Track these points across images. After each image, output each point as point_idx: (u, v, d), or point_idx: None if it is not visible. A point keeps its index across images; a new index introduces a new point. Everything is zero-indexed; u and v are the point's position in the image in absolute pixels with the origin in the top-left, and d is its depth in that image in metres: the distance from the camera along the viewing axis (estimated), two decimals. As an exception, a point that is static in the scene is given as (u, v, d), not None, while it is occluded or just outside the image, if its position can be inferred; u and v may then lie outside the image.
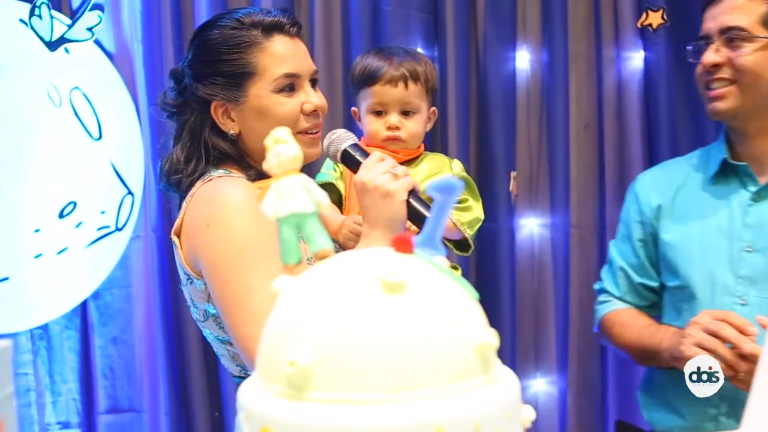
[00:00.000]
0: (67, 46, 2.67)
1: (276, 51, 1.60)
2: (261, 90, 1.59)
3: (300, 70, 1.62)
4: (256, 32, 1.60)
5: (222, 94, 1.60)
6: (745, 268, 1.84)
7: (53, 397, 2.75)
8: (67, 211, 2.67)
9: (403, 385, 0.69)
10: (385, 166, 1.55)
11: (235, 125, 1.62)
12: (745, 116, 1.85)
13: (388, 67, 1.75)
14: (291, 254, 0.78)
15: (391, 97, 1.75)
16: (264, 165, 0.80)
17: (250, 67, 1.59)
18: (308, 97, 1.62)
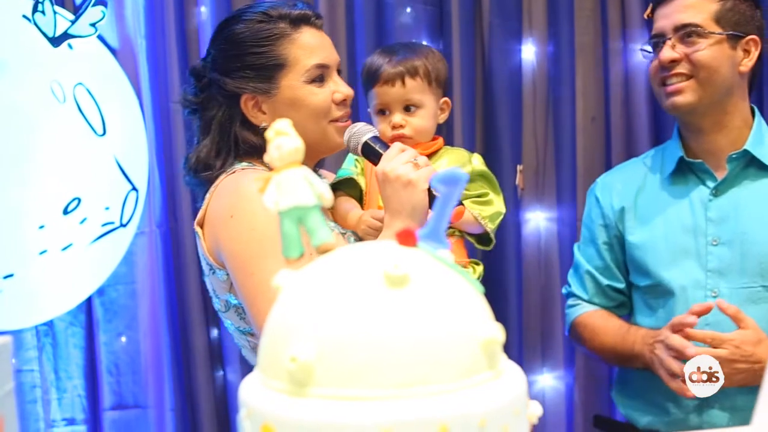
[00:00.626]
0: (70, 41, 2.66)
1: (305, 42, 1.64)
2: (293, 81, 1.63)
3: (329, 60, 1.67)
4: (284, 24, 1.63)
5: (252, 86, 1.63)
6: (712, 262, 1.86)
7: (58, 393, 2.74)
8: (72, 207, 2.66)
9: (407, 381, 0.68)
10: (407, 156, 1.57)
11: (266, 117, 1.64)
12: (702, 111, 1.88)
13: (386, 66, 1.75)
14: (292, 248, 0.77)
15: (390, 97, 1.75)
16: (265, 157, 0.79)
17: (280, 59, 1.62)
18: (338, 87, 1.67)
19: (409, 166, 1.54)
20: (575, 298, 2.14)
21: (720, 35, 1.83)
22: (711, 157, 1.93)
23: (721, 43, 1.83)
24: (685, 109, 1.88)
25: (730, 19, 1.84)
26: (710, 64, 1.83)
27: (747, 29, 1.86)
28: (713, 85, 1.84)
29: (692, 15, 1.84)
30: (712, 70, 1.83)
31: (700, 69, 1.83)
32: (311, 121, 1.64)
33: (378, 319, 0.69)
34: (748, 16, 1.87)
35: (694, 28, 1.83)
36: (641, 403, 1.98)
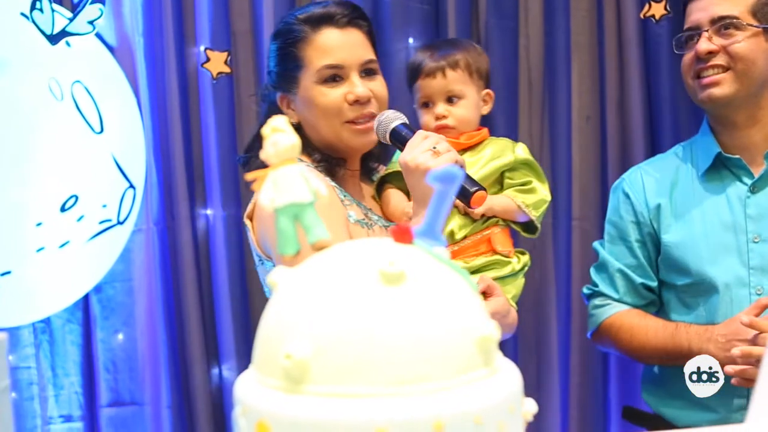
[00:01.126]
0: (68, 39, 2.65)
1: (320, 43, 1.68)
2: (307, 82, 1.68)
3: (344, 60, 1.68)
4: (306, 27, 1.69)
5: (282, 86, 1.73)
6: (755, 259, 1.86)
7: (55, 390, 2.74)
8: (69, 204, 2.66)
9: (402, 379, 0.68)
10: (428, 143, 1.57)
11: (294, 115, 1.73)
12: (737, 104, 1.88)
13: (426, 61, 1.80)
14: (289, 245, 0.77)
15: (433, 89, 1.80)
16: (261, 154, 0.79)
17: (299, 61, 1.69)
18: (352, 87, 1.68)
19: (429, 154, 1.55)
20: (603, 298, 2.08)
21: (757, 28, 1.83)
22: (746, 153, 1.92)
23: (758, 36, 1.83)
24: (721, 102, 1.88)
25: (767, 12, 1.84)
26: (748, 56, 1.83)
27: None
28: (750, 78, 1.84)
29: (729, 7, 1.84)
30: (749, 62, 1.83)
31: (737, 61, 1.83)
32: (323, 121, 1.68)
33: (373, 317, 0.70)
34: None
35: (732, 20, 1.83)
36: (682, 402, 1.94)
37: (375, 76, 1.72)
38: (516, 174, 1.79)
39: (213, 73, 2.71)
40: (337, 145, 1.70)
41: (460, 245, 1.74)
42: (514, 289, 1.81)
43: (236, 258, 2.75)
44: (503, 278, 1.76)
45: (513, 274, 1.78)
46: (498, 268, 1.76)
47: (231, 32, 2.74)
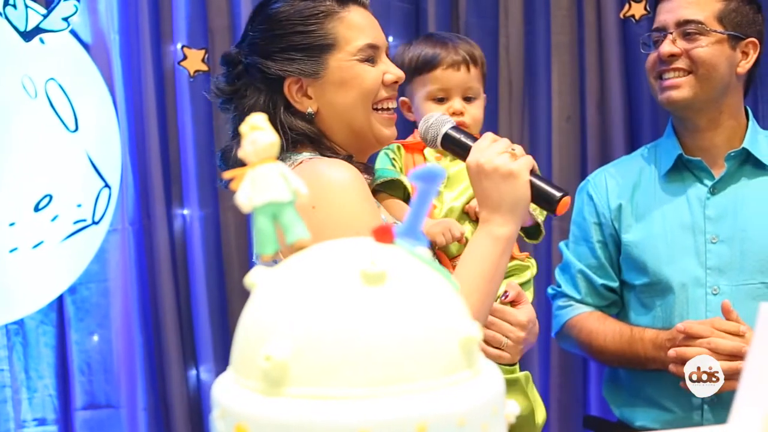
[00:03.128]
0: (42, 36, 2.62)
1: (355, 21, 1.54)
2: (343, 61, 1.52)
3: (379, 41, 1.56)
4: (330, 2, 1.53)
5: (298, 69, 1.52)
6: (712, 259, 1.87)
7: (29, 393, 2.71)
8: (43, 204, 2.63)
9: (384, 380, 0.67)
10: (502, 145, 1.45)
11: (312, 102, 1.54)
12: (698, 107, 1.89)
13: (447, 52, 1.70)
14: (267, 244, 0.75)
15: (453, 82, 1.69)
16: (239, 153, 0.78)
17: (329, 38, 1.52)
18: (389, 68, 1.56)
19: (507, 156, 1.43)
20: (566, 299, 2.10)
21: (721, 34, 1.84)
22: (707, 155, 1.94)
23: (721, 43, 1.85)
24: (680, 104, 1.89)
25: (733, 19, 1.85)
26: (709, 61, 1.84)
27: (748, 31, 1.87)
28: (710, 83, 1.85)
29: (695, 11, 1.85)
30: (710, 68, 1.84)
31: (699, 65, 1.85)
32: (359, 104, 1.54)
33: (354, 317, 0.68)
34: (750, 19, 1.88)
35: (697, 25, 1.84)
36: (640, 402, 1.96)
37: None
38: None
39: (190, 71, 2.69)
40: (365, 135, 1.57)
41: None
42: (532, 294, 1.74)
43: (214, 258, 2.73)
44: (523, 284, 1.70)
45: (531, 279, 1.73)
46: (518, 273, 1.70)
47: (208, 29, 2.72)
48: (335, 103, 1.54)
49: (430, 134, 1.54)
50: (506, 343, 1.60)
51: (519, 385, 1.63)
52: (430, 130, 1.53)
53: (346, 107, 1.54)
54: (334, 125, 1.55)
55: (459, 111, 1.70)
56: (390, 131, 1.58)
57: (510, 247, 1.43)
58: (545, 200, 1.43)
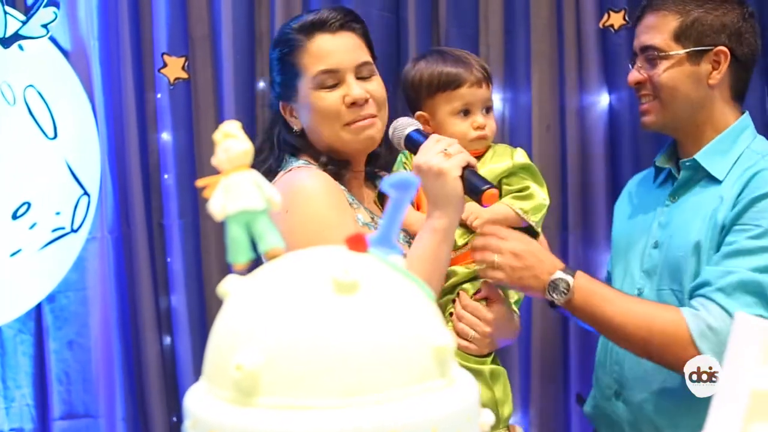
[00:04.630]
0: (21, 43, 2.61)
1: (314, 50, 1.71)
2: (305, 89, 1.71)
3: (338, 64, 1.70)
4: (301, 35, 1.72)
5: (283, 95, 1.76)
6: (647, 263, 1.89)
7: (6, 402, 2.69)
8: (21, 212, 2.62)
9: (356, 389, 0.67)
10: (440, 146, 1.60)
11: (297, 122, 1.76)
12: (673, 126, 1.89)
13: (469, 71, 1.81)
14: (240, 253, 0.75)
15: (476, 98, 1.80)
16: (212, 161, 0.77)
17: (296, 69, 1.72)
18: (348, 90, 1.69)
19: (441, 156, 1.58)
20: None
21: (679, 54, 1.81)
22: None
23: (681, 63, 1.82)
24: (653, 128, 1.90)
25: (691, 34, 1.81)
26: (668, 85, 1.82)
27: (715, 40, 1.81)
28: (676, 105, 1.83)
29: (652, 36, 1.83)
30: (671, 91, 1.82)
31: (660, 90, 1.83)
32: (324, 126, 1.71)
33: (327, 326, 0.68)
34: (717, 26, 1.82)
35: (653, 51, 1.82)
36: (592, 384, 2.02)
37: (372, 77, 1.75)
38: (513, 180, 1.80)
39: (170, 78, 2.68)
40: (340, 148, 1.73)
41: (461, 251, 1.75)
42: (516, 294, 1.83)
43: (193, 267, 2.72)
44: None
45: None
46: None
47: (189, 37, 2.72)
48: (309, 124, 1.74)
49: (395, 138, 1.70)
50: (473, 335, 1.72)
51: (483, 377, 1.73)
52: (395, 133, 1.70)
53: (314, 127, 1.73)
54: (316, 140, 1.74)
55: (482, 125, 1.81)
56: (361, 140, 1.72)
57: (448, 237, 1.59)
58: (473, 193, 1.57)
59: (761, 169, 1.75)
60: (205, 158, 2.72)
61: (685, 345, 1.65)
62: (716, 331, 1.64)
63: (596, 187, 2.82)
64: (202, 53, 2.72)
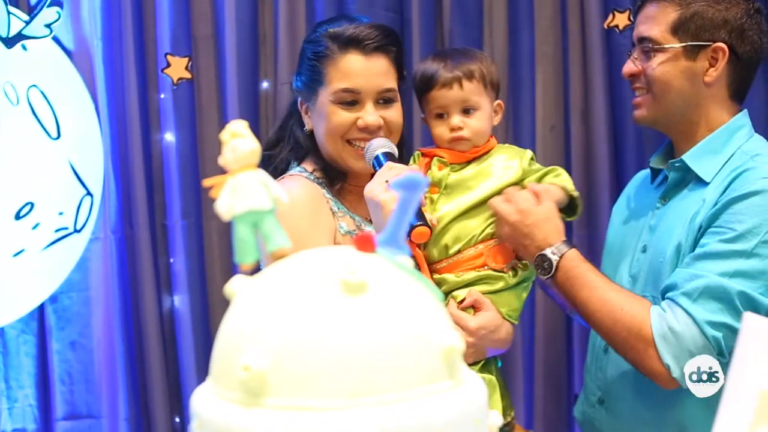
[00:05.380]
0: (24, 42, 2.61)
1: (343, 66, 1.74)
2: (325, 98, 1.75)
3: (362, 87, 1.74)
4: (334, 46, 1.75)
5: (303, 93, 1.81)
6: (635, 267, 1.85)
7: (9, 403, 2.68)
8: (24, 212, 2.61)
9: (364, 390, 0.67)
10: (387, 175, 1.61)
11: (310, 122, 1.81)
12: (664, 122, 1.83)
13: (442, 71, 1.79)
14: (248, 253, 0.74)
15: (448, 99, 1.77)
16: (219, 160, 0.77)
17: (321, 77, 1.76)
18: (364, 114, 1.73)
19: (382, 187, 1.58)
20: None
21: (676, 48, 1.75)
22: None
23: (677, 57, 1.75)
24: (644, 123, 1.85)
25: (690, 27, 1.74)
26: (661, 78, 1.75)
27: (714, 36, 1.74)
28: (668, 100, 1.77)
29: (650, 27, 1.77)
30: (664, 85, 1.76)
31: (652, 84, 1.77)
32: (329, 137, 1.75)
33: (334, 327, 0.68)
34: (718, 21, 1.74)
35: (649, 43, 1.76)
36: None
37: (392, 104, 1.78)
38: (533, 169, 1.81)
39: (173, 78, 2.68)
40: (339, 163, 1.77)
41: (454, 259, 1.74)
42: (511, 303, 1.78)
43: (197, 267, 2.72)
44: (496, 292, 1.75)
45: (507, 288, 1.77)
46: (490, 282, 1.75)
47: (192, 37, 2.71)
48: (317, 129, 1.79)
49: (367, 157, 1.72)
50: None
51: None
52: (367, 154, 1.72)
53: (321, 135, 1.78)
54: (320, 146, 1.80)
55: (457, 126, 1.77)
56: (359, 164, 1.75)
57: None
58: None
59: (746, 169, 1.68)
60: (208, 158, 2.71)
61: (646, 344, 1.62)
62: (678, 334, 1.59)
63: (600, 188, 2.81)
64: (205, 53, 2.72)
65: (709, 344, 1.59)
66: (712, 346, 1.59)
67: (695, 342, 1.59)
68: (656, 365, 1.61)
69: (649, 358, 1.61)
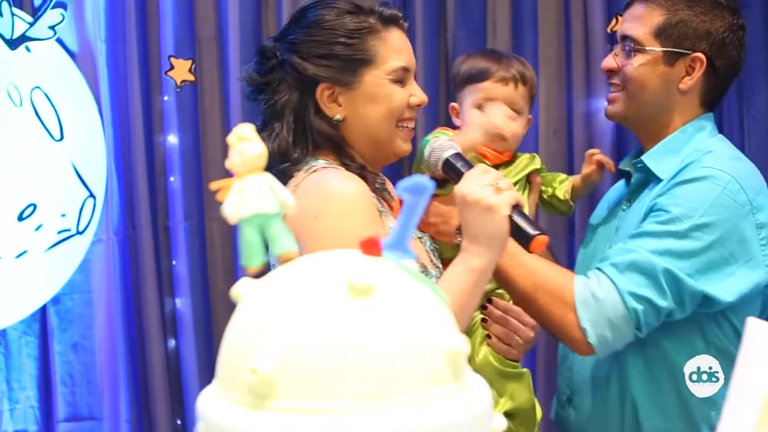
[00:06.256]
0: (28, 44, 2.62)
1: (394, 43, 1.62)
2: (378, 78, 1.60)
3: (411, 65, 1.66)
4: (375, 20, 1.61)
5: (334, 76, 1.60)
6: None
7: (10, 404, 2.69)
8: (27, 213, 2.62)
9: (371, 393, 0.67)
10: (489, 178, 1.49)
11: (341, 110, 1.61)
12: (634, 122, 1.85)
13: (499, 66, 1.80)
14: (254, 256, 0.75)
15: (499, 95, 1.79)
16: (227, 163, 0.77)
17: (369, 55, 1.60)
18: (415, 91, 1.65)
19: (490, 189, 1.46)
20: None
21: (656, 52, 1.76)
22: None
23: (656, 60, 1.76)
24: (614, 119, 1.88)
25: (673, 34, 1.75)
26: (637, 79, 1.77)
27: (694, 46, 1.75)
28: (640, 101, 1.78)
29: (634, 26, 1.78)
30: (638, 86, 1.77)
31: (628, 83, 1.78)
32: (385, 120, 1.62)
33: (341, 330, 0.68)
34: (701, 32, 1.75)
35: (632, 42, 1.77)
36: None
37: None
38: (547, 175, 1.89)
39: (177, 80, 2.68)
40: (385, 147, 1.65)
41: None
42: None
43: (199, 269, 2.72)
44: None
45: None
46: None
47: (195, 39, 2.72)
48: (363, 115, 1.61)
49: (432, 157, 1.60)
50: (517, 341, 1.72)
51: (525, 379, 1.75)
52: (434, 153, 1.60)
53: (373, 121, 1.62)
54: (358, 135, 1.63)
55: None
56: (407, 146, 1.67)
57: (485, 277, 1.48)
58: (521, 237, 1.47)
59: (693, 161, 1.71)
60: (211, 161, 2.72)
61: (566, 308, 1.63)
62: (600, 301, 1.61)
63: (603, 191, 2.80)
64: (208, 56, 2.72)
65: (629, 315, 1.61)
66: (631, 317, 1.62)
67: (615, 310, 1.62)
68: (574, 330, 1.63)
69: (569, 323, 1.63)
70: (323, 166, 1.58)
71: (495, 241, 1.46)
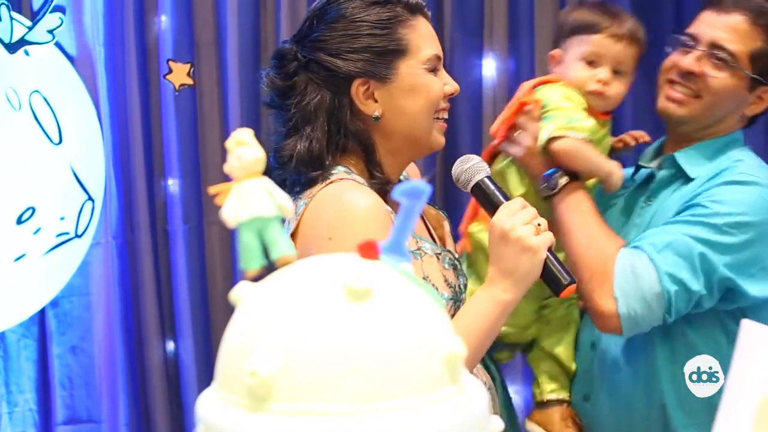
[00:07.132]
0: (27, 48, 2.62)
1: (424, 31, 1.56)
2: (414, 68, 1.53)
3: (441, 53, 1.59)
4: (402, 9, 1.54)
5: (370, 71, 1.51)
6: None
7: (9, 407, 2.69)
8: (26, 216, 2.62)
9: (368, 396, 0.67)
10: (528, 216, 1.45)
11: (378, 106, 1.53)
12: (688, 127, 1.83)
13: (612, 21, 1.74)
14: (253, 260, 0.75)
15: (609, 51, 1.73)
16: (225, 168, 0.78)
17: (402, 44, 1.52)
18: (448, 80, 1.59)
19: (531, 228, 1.43)
20: None
21: (743, 73, 1.75)
22: None
23: (740, 81, 1.76)
24: (675, 120, 1.83)
25: (765, 62, 1.76)
26: (719, 94, 1.76)
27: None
28: (711, 112, 1.79)
29: (733, 40, 1.75)
30: (717, 100, 1.77)
31: (707, 94, 1.76)
32: (425, 112, 1.55)
33: (339, 333, 0.68)
34: None
35: (728, 55, 1.74)
36: None
37: None
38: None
39: (175, 84, 2.69)
40: (422, 141, 1.58)
41: None
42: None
43: (197, 273, 2.72)
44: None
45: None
46: None
47: (194, 44, 2.72)
48: (402, 109, 1.54)
49: (463, 177, 1.54)
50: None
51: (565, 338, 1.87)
52: (465, 173, 1.54)
53: (413, 114, 1.55)
54: (395, 129, 1.55)
55: (605, 80, 1.73)
56: (443, 139, 1.60)
57: (507, 312, 1.46)
58: (553, 282, 1.46)
59: (728, 167, 1.74)
60: (209, 165, 2.72)
61: (605, 277, 1.65)
62: (638, 275, 1.63)
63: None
64: (207, 60, 2.73)
65: (663, 295, 1.63)
66: (664, 297, 1.63)
67: (651, 287, 1.64)
68: (606, 301, 1.65)
69: (603, 293, 1.65)
70: (340, 177, 1.49)
71: (527, 281, 1.44)
